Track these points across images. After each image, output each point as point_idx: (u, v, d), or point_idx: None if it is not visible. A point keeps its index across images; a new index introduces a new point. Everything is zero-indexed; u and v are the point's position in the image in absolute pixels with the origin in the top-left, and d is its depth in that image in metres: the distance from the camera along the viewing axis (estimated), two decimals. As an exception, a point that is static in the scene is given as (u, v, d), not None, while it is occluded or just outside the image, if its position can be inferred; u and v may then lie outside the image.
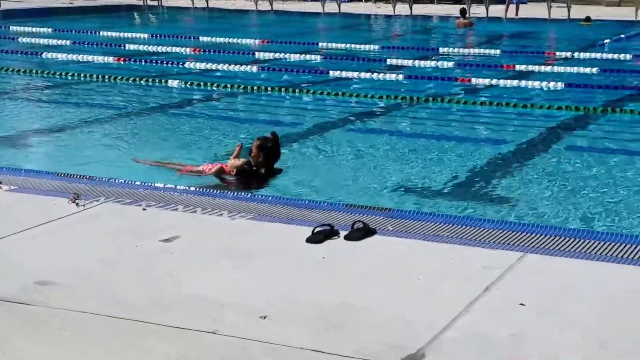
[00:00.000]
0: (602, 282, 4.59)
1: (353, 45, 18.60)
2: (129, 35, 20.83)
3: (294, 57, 17.12)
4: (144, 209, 5.88)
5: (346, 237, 5.29)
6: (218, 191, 6.62)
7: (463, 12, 24.13)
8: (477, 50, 18.44)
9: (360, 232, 5.34)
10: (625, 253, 5.06)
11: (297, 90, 12.79)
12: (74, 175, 7.02)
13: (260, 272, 4.72)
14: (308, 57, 17.29)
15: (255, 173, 7.49)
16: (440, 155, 8.77)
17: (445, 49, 18.30)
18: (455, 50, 18.36)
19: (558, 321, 4.08)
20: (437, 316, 4.11)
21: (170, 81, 13.63)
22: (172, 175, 7.54)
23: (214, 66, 15.40)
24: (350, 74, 14.42)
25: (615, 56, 16.84)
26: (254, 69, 15.02)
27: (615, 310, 4.21)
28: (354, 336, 3.89)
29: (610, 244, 5.21)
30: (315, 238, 5.24)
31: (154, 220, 5.67)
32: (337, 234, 5.32)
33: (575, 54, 17.12)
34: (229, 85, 13.10)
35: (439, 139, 9.68)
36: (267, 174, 7.53)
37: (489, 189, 7.43)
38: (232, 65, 15.23)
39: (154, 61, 15.96)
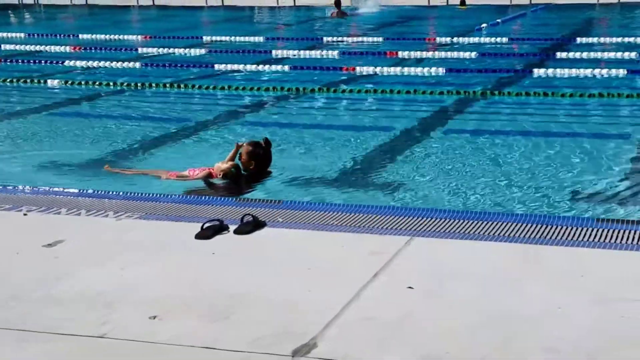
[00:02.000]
0: (486, 262, 4.73)
1: (238, 38, 18.51)
2: (4, 34, 20.10)
3: (179, 51, 16.91)
4: (25, 214, 5.69)
5: (236, 231, 5.27)
6: (102, 192, 6.47)
7: (338, 3, 24.28)
8: (360, 39, 18.65)
9: (250, 225, 5.34)
10: (508, 232, 5.23)
11: (182, 86, 12.63)
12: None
13: (149, 272, 4.64)
14: (193, 51, 17.11)
15: (243, 177, 7.27)
16: (328, 145, 8.84)
17: (330, 39, 18.43)
18: (340, 39, 18.52)
19: (445, 301, 4.18)
20: (328, 304, 4.15)
21: (50, 81, 13.22)
22: (150, 182, 7.26)
23: (95, 64, 15.04)
24: (236, 67, 14.37)
25: (493, 40, 17.35)
26: (138, 65, 14.75)
27: (499, 288, 4.34)
28: (247, 329, 3.88)
29: (493, 224, 5.37)
30: (205, 234, 5.20)
31: (36, 225, 5.50)
32: (226, 228, 5.30)
33: (455, 39, 17.55)
34: (112, 83, 12.83)
35: (326, 128, 9.75)
36: (255, 177, 7.30)
37: (375, 176, 7.53)
38: (115, 63, 14.90)
39: (32, 61, 15.46)
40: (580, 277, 4.43)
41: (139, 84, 12.81)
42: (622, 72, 12.42)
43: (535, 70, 12.96)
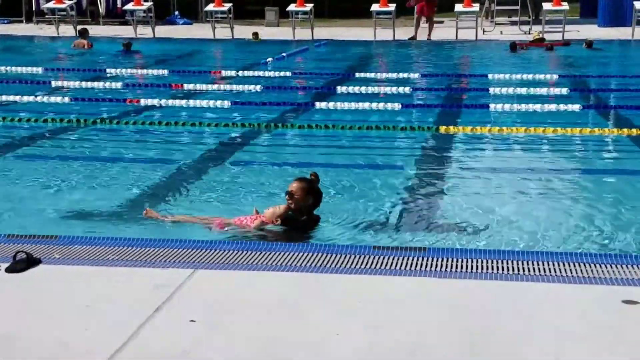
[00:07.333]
0: (269, 291, 4.78)
1: (15, 68, 17.68)
2: None
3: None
4: None
5: (7, 270, 4.99)
6: None
7: (83, 32, 23.80)
8: (145, 71, 18.41)
9: (23, 263, 5.07)
10: (289, 261, 5.31)
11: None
12: None
13: None
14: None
15: (300, 220, 6.61)
16: (112, 177, 8.61)
17: (114, 70, 18.03)
18: (124, 70, 18.16)
19: (228, 333, 4.18)
20: (107, 342, 4.01)
21: None
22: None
23: None
24: (12, 98, 13.72)
25: (278, 74, 17.71)
26: None
27: (281, 317, 4.40)
28: (17, 374, 3.67)
29: (276, 254, 5.43)
30: (-28, 274, 4.88)
31: None
32: (-4, 267, 5.00)
33: (241, 73, 17.74)
34: None
35: (110, 160, 9.50)
36: (309, 219, 6.68)
37: (162, 207, 7.40)
38: None
39: None
40: (357, 303, 4.58)
41: None
42: (397, 105, 13.08)
43: (317, 103, 13.35)
